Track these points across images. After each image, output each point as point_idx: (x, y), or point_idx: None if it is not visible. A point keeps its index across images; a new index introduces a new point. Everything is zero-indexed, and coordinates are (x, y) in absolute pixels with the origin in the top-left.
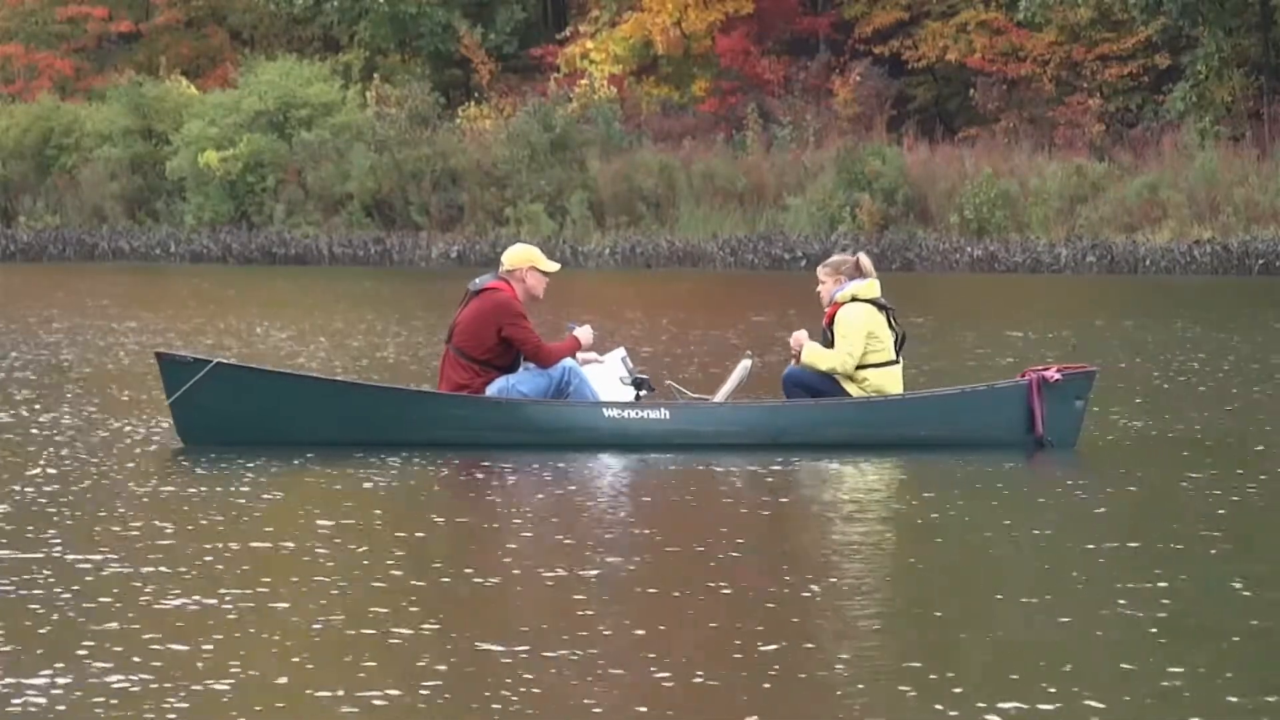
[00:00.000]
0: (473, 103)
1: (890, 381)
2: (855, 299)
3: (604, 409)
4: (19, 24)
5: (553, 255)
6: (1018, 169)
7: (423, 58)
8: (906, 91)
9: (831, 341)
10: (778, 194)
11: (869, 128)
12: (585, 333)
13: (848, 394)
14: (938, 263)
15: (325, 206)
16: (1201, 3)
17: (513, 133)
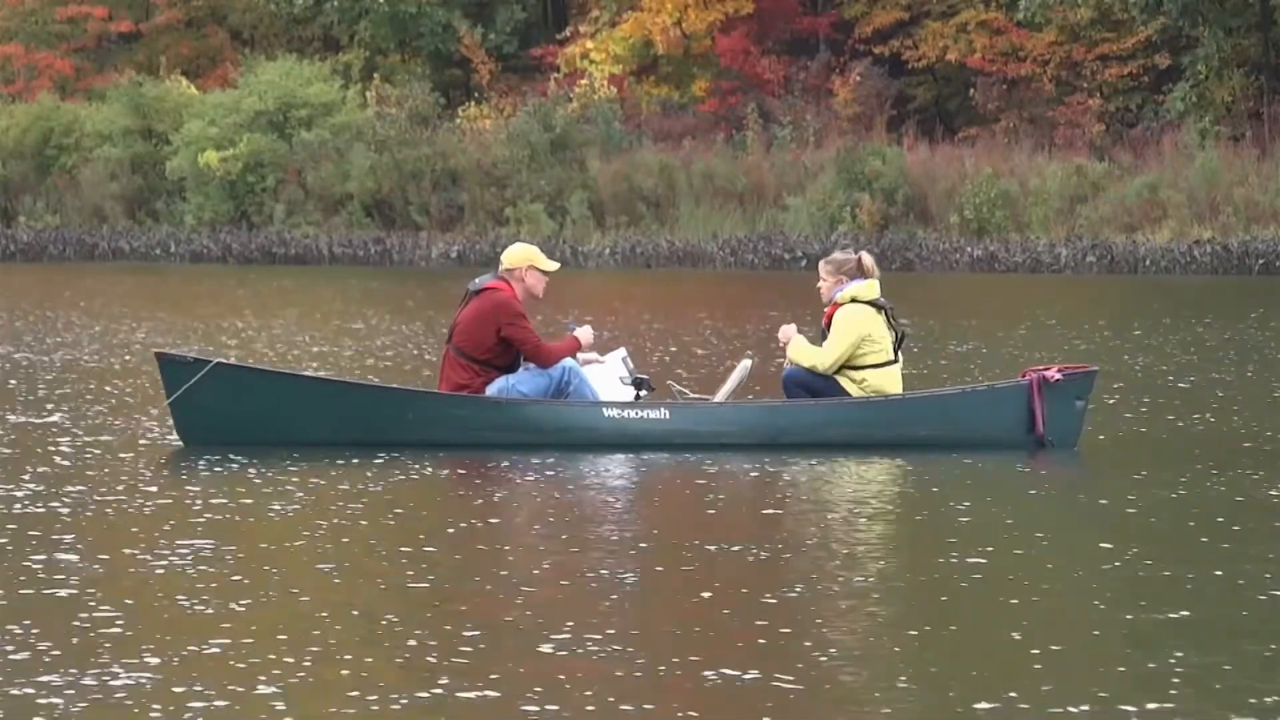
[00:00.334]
0: (473, 103)
1: (889, 381)
2: (855, 300)
3: (604, 409)
4: (19, 24)
5: (553, 255)
6: (1018, 169)
7: (423, 58)
8: (906, 91)
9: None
10: (778, 194)
11: (869, 128)
12: (585, 333)
13: (848, 394)
14: (938, 263)
15: (325, 206)
16: (1201, 3)
17: (513, 133)
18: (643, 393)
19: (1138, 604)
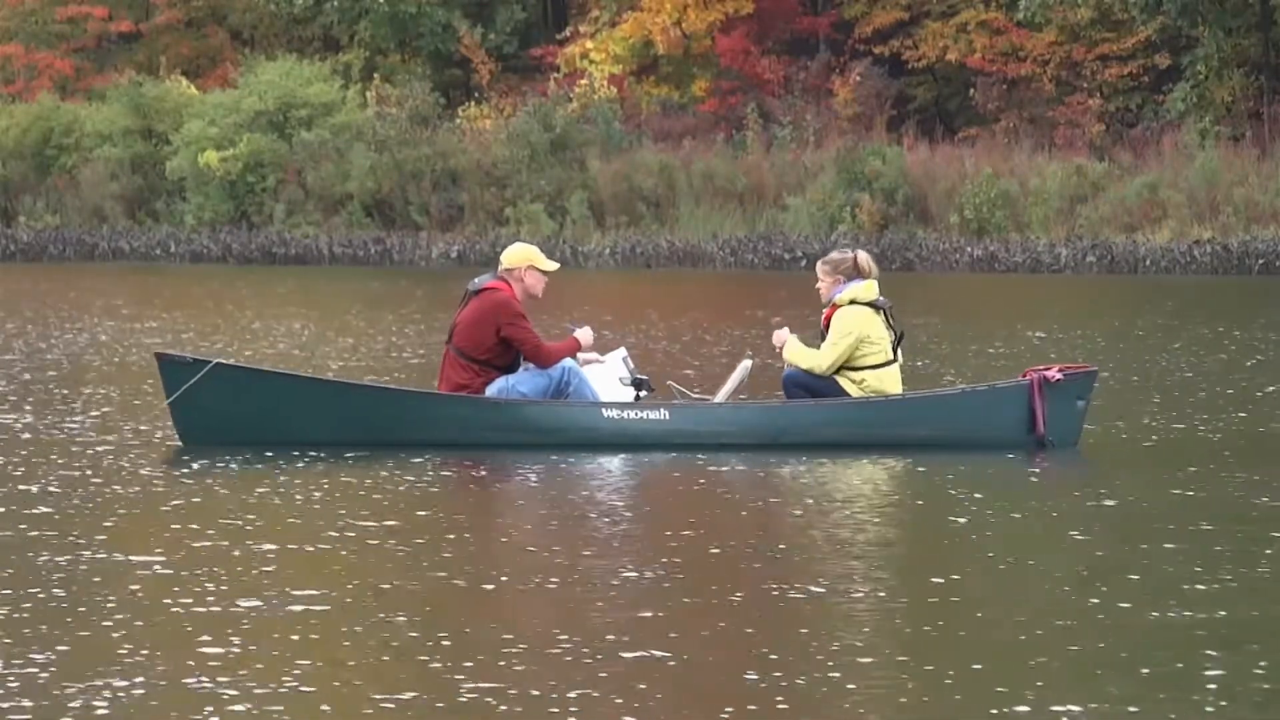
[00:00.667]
0: (473, 103)
1: (889, 382)
2: (854, 302)
3: (603, 409)
4: (19, 24)
5: (553, 255)
6: (1018, 169)
7: (423, 58)
8: (906, 91)
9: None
10: (778, 194)
11: (869, 128)
12: (585, 333)
13: (848, 395)
14: (938, 263)
15: (325, 206)
16: (1201, 3)
17: (513, 133)
18: (642, 393)
19: (1138, 603)
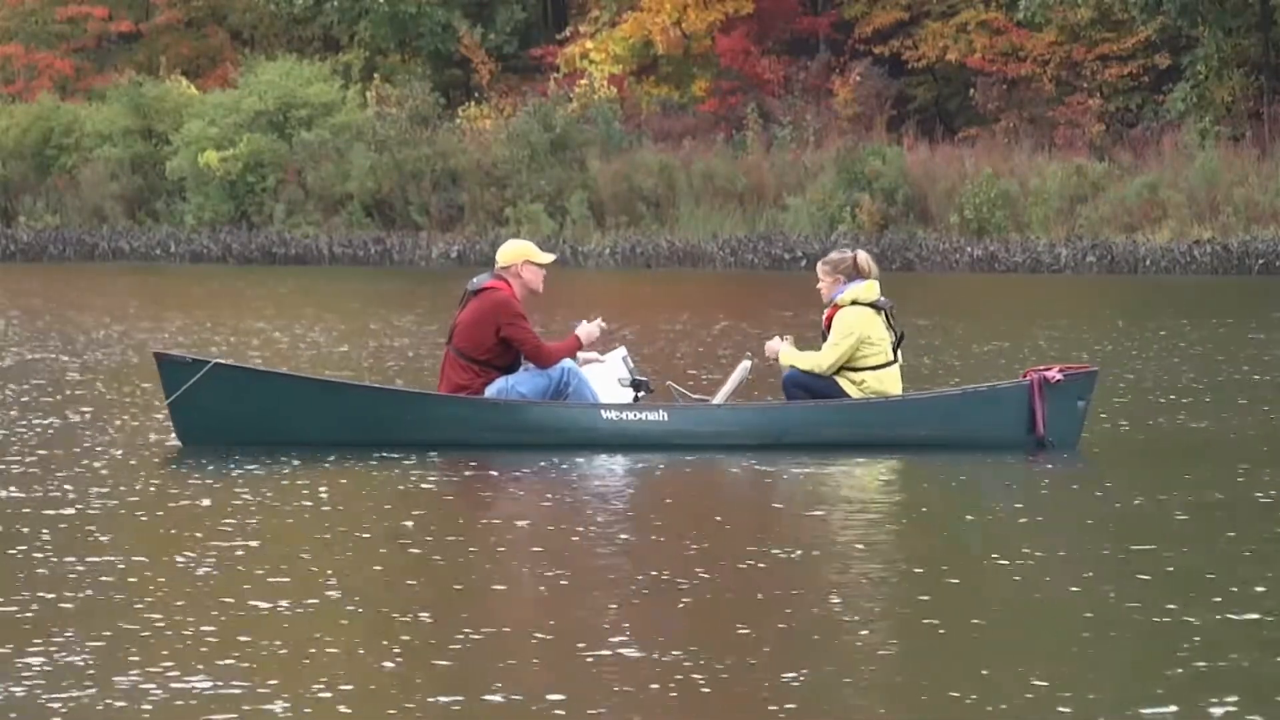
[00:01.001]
0: (473, 103)
1: (889, 382)
2: (856, 302)
3: (603, 410)
4: (19, 24)
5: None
6: (1018, 169)
7: (423, 58)
8: (906, 91)
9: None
10: (778, 194)
11: (869, 128)
12: (586, 330)
13: (848, 396)
14: (938, 263)
15: (325, 206)
16: (1201, 3)
17: (513, 133)
18: (641, 394)
19: (1138, 604)
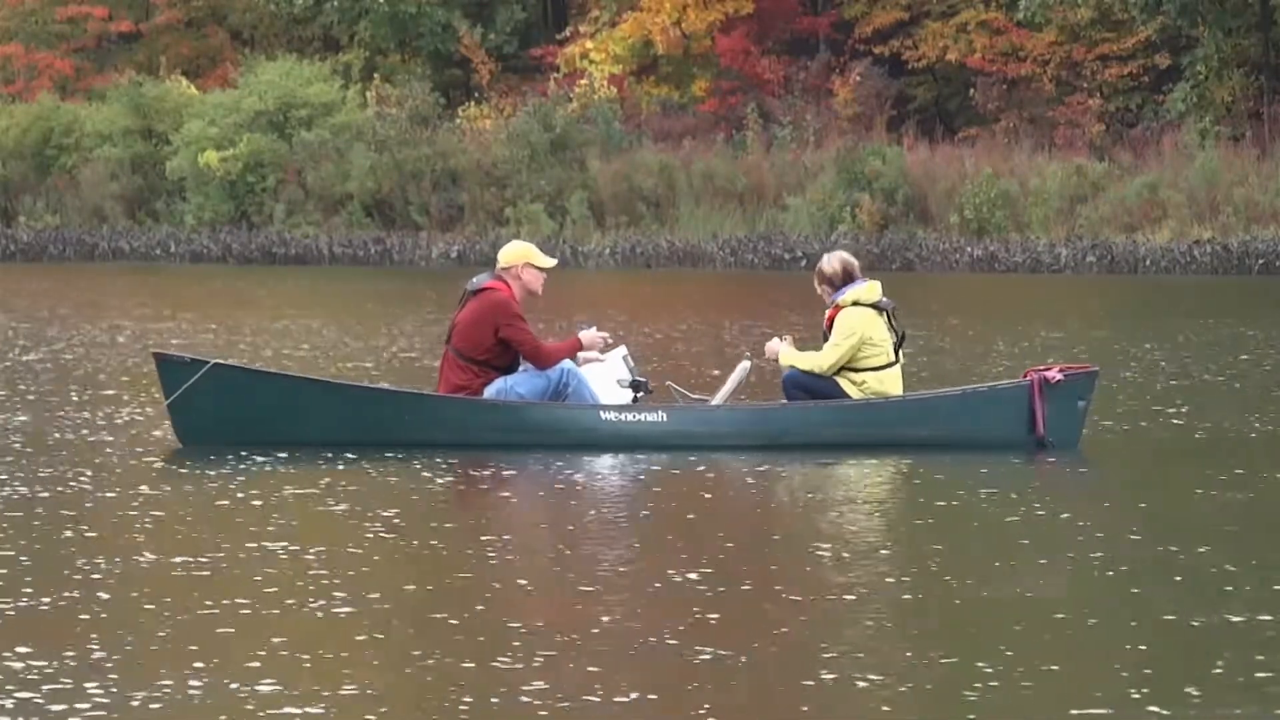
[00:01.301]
0: (473, 103)
1: (890, 383)
2: (857, 303)
3: (602, 411)
4: (19, 24)
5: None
6: (1018, 169)
7: (423, 58)
8: (906, 91)
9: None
10: (778, 194)
11: (869, 128)
12: (589, 335)
13: (848, 396)
14: (938, 263)
15: (325, 206)
16: (1201, 3)
17: (513, 133)
18: (640, 395)
19: (1139, 605)
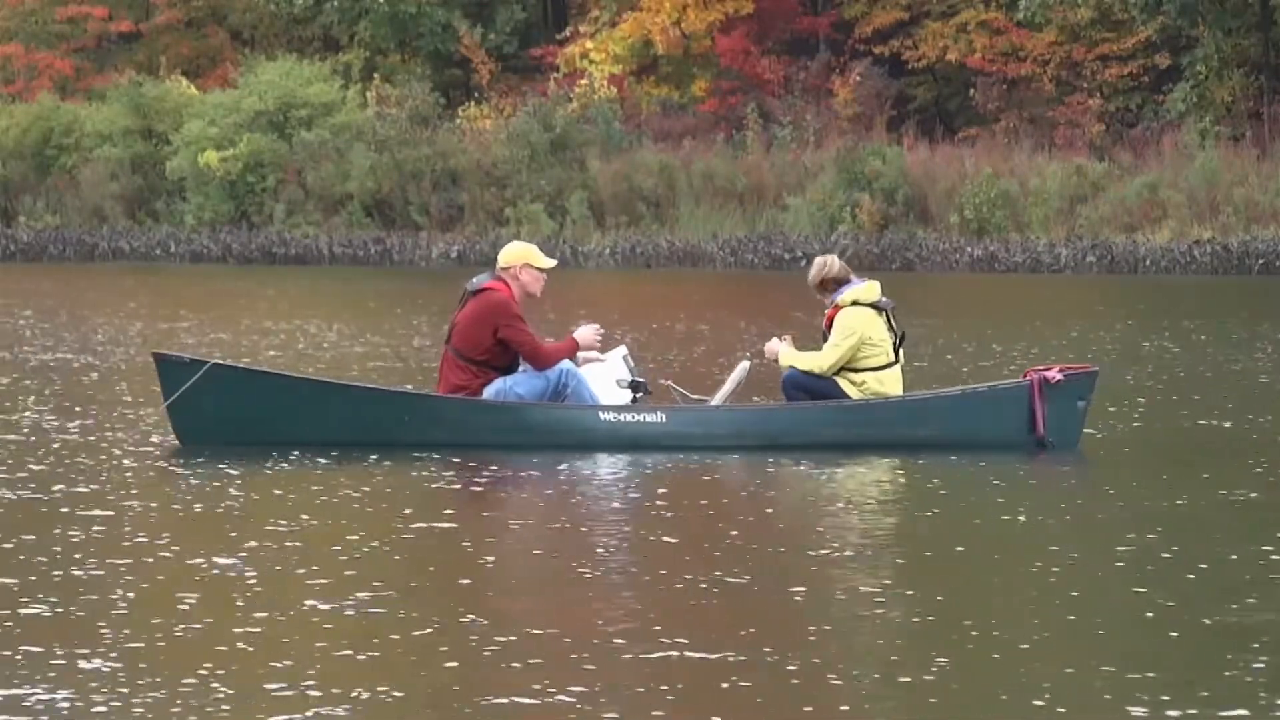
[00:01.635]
0: (473, 103)
1: (890, 383)
2: (856, 303)
3: (601, 412)
4: (19, 24)
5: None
6: (1018, 169)
7: (423, 58)
8: (906, 91)
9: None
10: (778, 194)
11: (869, 128)
12: (584, 334)
13: (847, 396)
14: (938, 263)
15: (325, 206)
16: (1201, 3)
17: (513, 133)
18: (639, 395)
19: (1139, 605)
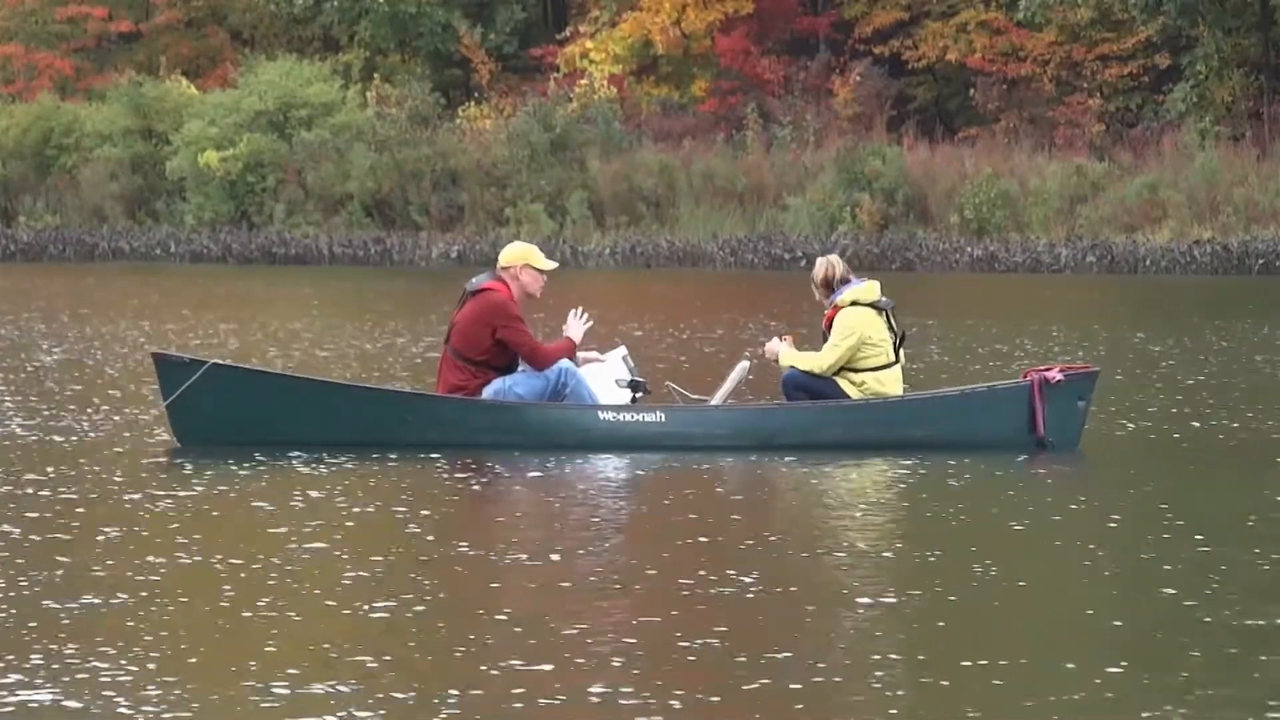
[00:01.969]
0: (473, 103)
1: (890, 383)
2: (856, 303)
3: (600, 412)
4: (19, 24)
5: (552, 255)
6: (1018, 169)
7: (423, 58)
8: (906, 91)
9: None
10: (778, 194)
11: (869, 128)
12: (574, 329)
13: (847, 396)
14: (938, 263)
15: (325, 206)
16: (1201, 3)
17: (513, 133)
18: (639, 395)
19: (1138, 605)
